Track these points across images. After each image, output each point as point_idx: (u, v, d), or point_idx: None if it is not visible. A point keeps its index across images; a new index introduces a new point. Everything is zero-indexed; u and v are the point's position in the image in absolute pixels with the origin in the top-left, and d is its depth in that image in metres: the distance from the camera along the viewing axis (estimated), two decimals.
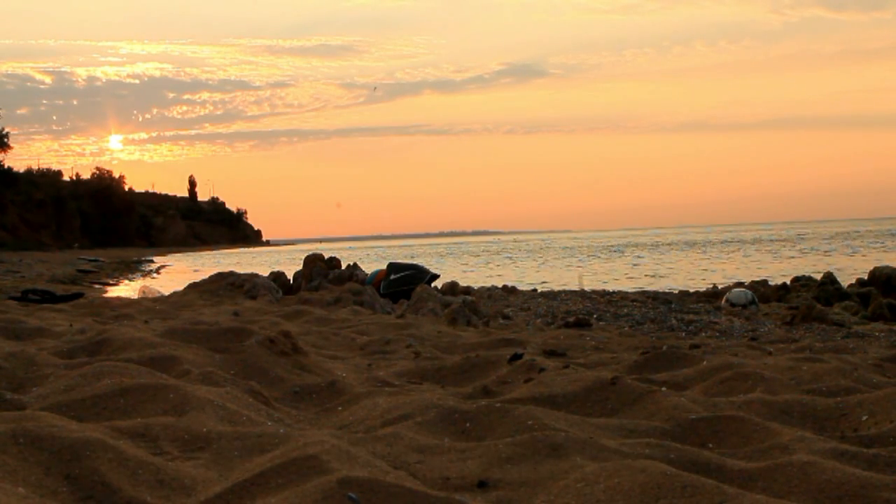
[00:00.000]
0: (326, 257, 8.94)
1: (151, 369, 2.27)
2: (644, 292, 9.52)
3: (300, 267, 8.87)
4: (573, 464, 1.43)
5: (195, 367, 2.39)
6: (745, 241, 41.66)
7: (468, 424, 1.77)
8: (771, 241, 39.90)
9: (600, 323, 4.79)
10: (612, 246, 40.83)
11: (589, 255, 29.17)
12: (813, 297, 7.76)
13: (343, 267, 8.75)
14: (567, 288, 11.17)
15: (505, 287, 9.93)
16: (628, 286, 11.88)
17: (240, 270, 8.49)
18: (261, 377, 2.40)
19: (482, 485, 1.40)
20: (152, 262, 37.27)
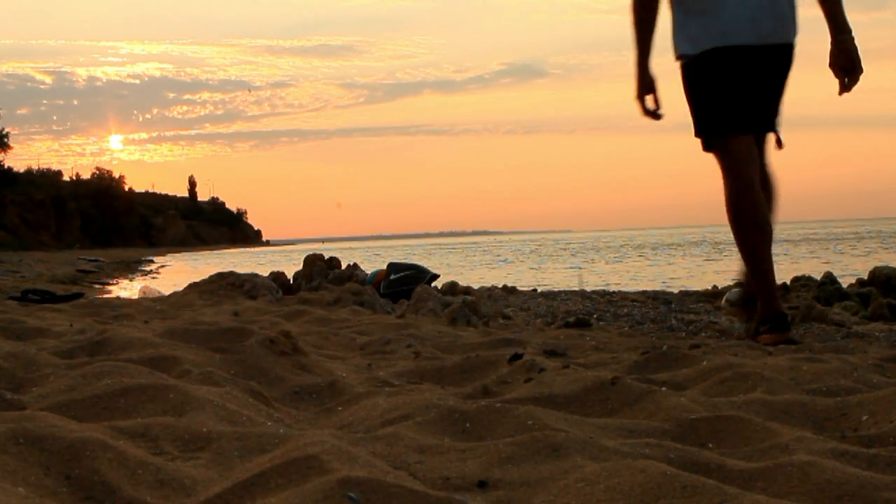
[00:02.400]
0: (326, 257, 8.93)
1: (151, 369, 2.27)
2: (644, 292, 9.52)
3: (300, 267, 8.87)
4: (573, 464, 1.43)
5: (195, 367, 2.39)
6: None
7: (468, 424, 1.77)
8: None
9: (600, 323, 4.79)
10: (612, 246, 40.80)
11: (589, 255, 29.15)
12: (813, 297, 7.75)
13: (343, 267, 8.74)
14: (567, 288, 11.16)
15: (505, 287, 9.93)
16: (628, 286, 11.88)
17: (240, 270, 8.48)
18: (261, 377, 2.40)
19: (482, 485, 1.40)
20: (152, 262, 37.26)
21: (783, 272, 13.69)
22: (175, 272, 25.60)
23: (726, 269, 17.17)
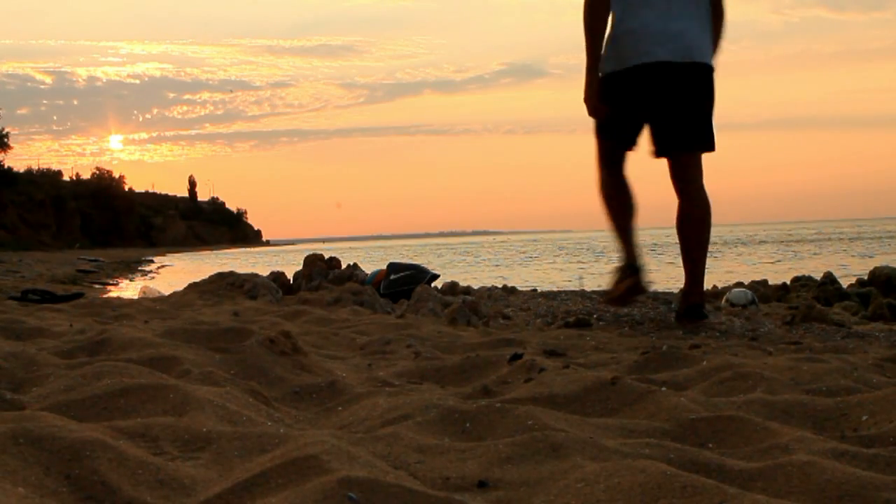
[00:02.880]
0: (326, 257, 8.93)
1: (151, 369, 2.27)
2: None
3: (300, 267, 8.86)
4: (573, 464, 1.43)
5: (195, 367, 2.39)
6: (746, 240, 41.61)
7: (468, 424, 1.77)
8: (771, 241, 39.85)
9: (600, 323, 4.78)
10: (612, 246, 40.75)
11: (589, 256, 29.16)
12: (813, 297, 7.75)
13: (343, 267, 8.74)
14: (567, 288, 11.15)
15: (505, 287, 9.91)
16: None
17: (240, 270, 8.47)
18: (261, 377, 2.40)
19: (482, 485, 1.40)
20: (152, 262, 37.26)
21: (783, 272, 13.69)
22: (175, 272, 25.60)
23: (727, 268, 17.17)
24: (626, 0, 3.65)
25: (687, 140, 3.72)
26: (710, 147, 3.75)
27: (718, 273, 15.16)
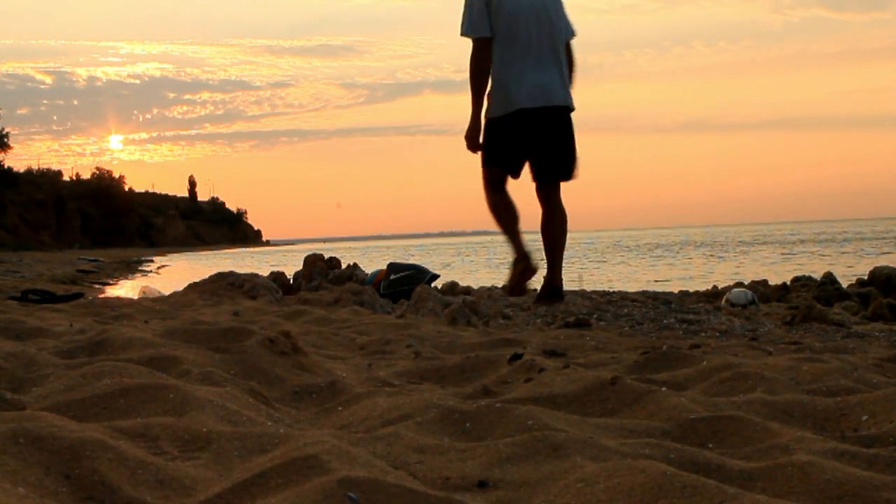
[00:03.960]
0: (326, 257, 8.93)
1: (151, 369, 2.27)
2: (644, 292, 9.51)
3: (300, 267, 8.87)
4: (573, 464, 1.43)
5: (195, 367, 2.39)
6: (746, 241, 41.64)
7: (468, 424, 1.77)
8: (771, 241, 39.87)
9: (600, 323, 4.79)
10: (612, 246, 40.81)
11: (589, 256, 29.17)
12: (813, 297, 7.75)
13: (343, 267, 8.74)
14: (567, 288, 11.14)
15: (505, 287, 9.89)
16: (629, 286, 11.87)
17: (240, 270, 8.48)
18: (261, 377, 2.40)
19: (482, 485, 1.40)
20: (152, 262, 37.23)
21: (783, 272, 13.69)
22: (175, 272, 25.60)
23: (727, 269, 17.17)
24: (505, 55, 4.33)
25: (561, 174, 4.54)
26: (575, 176, 4.58)
27: (719, 273, 15.16)
